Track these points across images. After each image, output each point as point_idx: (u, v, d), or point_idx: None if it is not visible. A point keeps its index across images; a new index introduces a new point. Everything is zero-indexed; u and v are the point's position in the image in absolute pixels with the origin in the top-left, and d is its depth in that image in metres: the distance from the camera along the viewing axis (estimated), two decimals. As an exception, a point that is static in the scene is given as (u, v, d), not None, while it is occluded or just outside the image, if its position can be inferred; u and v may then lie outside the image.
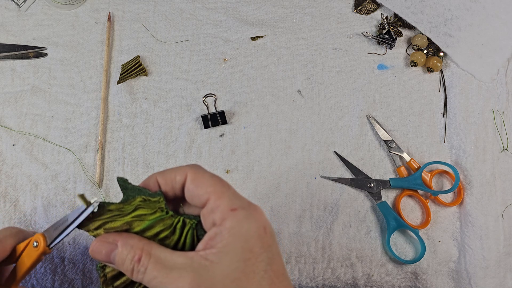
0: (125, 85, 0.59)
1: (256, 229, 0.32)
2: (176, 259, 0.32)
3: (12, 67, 0.59)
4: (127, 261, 0.32)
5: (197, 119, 0.59)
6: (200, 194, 0.34)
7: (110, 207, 0.35)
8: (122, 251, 0.33)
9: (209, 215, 0.33)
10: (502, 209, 0.55)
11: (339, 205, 0.56)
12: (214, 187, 0.34)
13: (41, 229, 0.54)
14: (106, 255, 0.33)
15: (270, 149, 0.58)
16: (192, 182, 0.34)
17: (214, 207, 0.33)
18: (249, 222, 0.32)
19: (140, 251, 0.32)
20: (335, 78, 0.61)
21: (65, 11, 0.62)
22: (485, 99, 0.59)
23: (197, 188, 0.34)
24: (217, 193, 0.33)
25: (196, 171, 0.35)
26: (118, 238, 0.33)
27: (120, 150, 0.57)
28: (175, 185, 0.35)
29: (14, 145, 0.56)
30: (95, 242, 0.34)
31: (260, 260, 0.32)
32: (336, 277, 0.54)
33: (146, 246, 0.33)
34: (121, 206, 0.35)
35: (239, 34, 0.62)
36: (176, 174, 0.35)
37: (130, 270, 0.32)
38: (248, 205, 0.33)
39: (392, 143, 0.58)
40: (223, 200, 0.33)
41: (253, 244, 0.32)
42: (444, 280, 0.54)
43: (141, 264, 0.32)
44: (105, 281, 0.36)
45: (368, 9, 0.63)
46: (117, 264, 0.33)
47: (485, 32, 0.61)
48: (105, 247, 0.33)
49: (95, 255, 0.34)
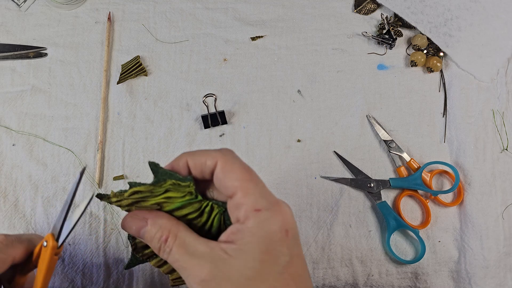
0: (125, 85, 0.59)
1: (278, 231, 0.32)
2: (198, 246, 0.33)
3: (12, 67, 0.59)
4: (155, 239, 0.34)
5: (197, 119, 0.59)
6: (227, 186, 0.34)
7: (140, 188, 0.35)
8: (151, 229, 0.34)
9: (234, 210, 0.33)
10: (502, 209, 0.55)
11: (339, 205, 0.56)
12: (242, 182, 0.33)
13: (41, 229, 0.54)
14: (136, 230, 0.35)
15: (270, 149, 0.58)
16: (221, 171, 0.34)
17: (239, 204, 0.33)
18: (271, 224, 0.32)
19: (168, 232, 0.34)
20: (335, 78, 0.61)
21: (65, 11, 0.62)
22: (485, 99, 0.59)
23: (225, 179, 0.34)
24: (244, 189, 0.33)
25: (227, 159, 0.34)
26: (148, 215, 0.35)
27: (120, 150, 0.57)
28: (204, 169, 0.35)
29: (14, 145, 0.56)
30: (127, 217, 0.35)
31: (277, 263, 0.32)
32: (336, 277, 0.54)
33: (174, 227, 0.34)
34: (151, 188, 0.35)
35: (239, 34, 0.62)
36: (207, 159, 0.35)
37: (158, 248, 0.34)
38: (273, 205, 0.33)
39: (392, 143, 0.58)
40: (248, 198, 0.33)
41: (272, 247, 0.32)
42: (444, 280, 0.54)
43: (167, 244, 0.33)
44: (136, 248, 0.38)
45: (368, 9, 0.63)
46: (146, 240, 0.35)
47: (485, 32, 0.61)
48: (136, 223, 0.35)
49: (126, 229, 0.35)
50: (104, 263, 0.53)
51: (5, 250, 0.39)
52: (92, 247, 0.54)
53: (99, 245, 0.54)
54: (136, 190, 0.34)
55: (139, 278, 0.53)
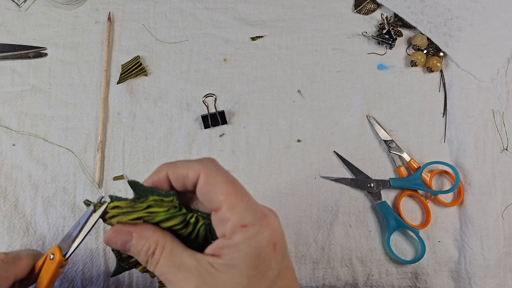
0: (125, 85, 0.59)
1: (265, 246, 0.32)
2: (185, 259, 0.32)
3: (12, 67, 0.59)
4: (142, 253, 0.33)
5: (197, 119, 0.58)
6: (211, 201, 0.32)
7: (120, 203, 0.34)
8: (137, 243, 0.33)
9: (219, 225, 0.32)
10: (502, 209, 0.55)
11: (339, 205, 0.56)
12: (227, 196, 0.32)
13: (41, 229, 0.54)
14: (122, 245, 0.34)
15: (270, 149, 0.58)
16: (205, 184, 0.33)
17: (224, 218, 0.32)
18: (259, 239, 0.31)
19: (155, 244, 0.33)
20: (335, 78, 0.61)
21: (65, 11, 0.62)
22: (485, 99, 0.59)
23: (209, 192, 0.33)
24: (229, 204, 0.32)
25: (210, 171, 0.33)
26: (133, 229, 0.34)
27: (120, 150, 0.57)
28: (186, 182, 0.34)
29: (14, 145, 0.56)
30: (111, 232, 0.34)
31: (265, 277, 0.32)
32: (336, 277, 0.54)
33: (160, 238, 0.33)
34: (132, 204, 0.34)
35: (239, 34, 0.62)
36: (188, 171, 0.33)
37: (145, 261, 0.33)
38: (260, 219, 0.32)
39: (392, 143, 0.58)
40: (234, 213, 0.31)
41: (260, 262, 0.31)
42: (444, 280, 0.54)
43: (154, 257, 0.32)
44: (120, 258, 0.37)
45: (368, 9, 0.63)
46: (133, 254, 0.34)
47: (485, 32, 0.61)
48: (120, 238, 0.34)
49: (110, 244, 0.34)
50: (104, 263, 0.53)
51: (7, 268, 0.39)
52: (92, 247, 0.54)
53: (99, 245, 0.54)
54: (115, 205, 0.34)
55: (139, 278, 0.53)
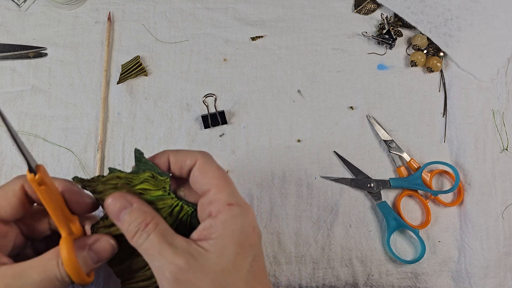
0: (125, 85, 0.59)
1: (247, 226, 0.35)
2: (176, 239, 0.34)
3: (12, 67, 0.59)
4: (134, 222, 0.34)
5: (197, 119, 0.59)
6: (203, 183, 0.36)
7: (120, 174, 0.37)
8: (133, 213, 0.35)
9: (207, 206, 0.35)
10: (502, 209, 0.55)
11: (339, 205, 0.56)
12: (218, 180, 0.36)
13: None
14: (119, 210, 0.35)
15: (270, 149, 0.58)
16: (199, 169, 0.37)
17: (213, 199, 0.35)
18: (242, 219, 0.35)
19: (151, 219, 0.35)
20: (335, 78, 0.61)
21: (65, 11, 0.62)
22: (485, 99, 0.59)
23: (202, 176, 0.37)
24: (219, 186, 0.36)
25: (206, 160, 0.37)
26: (136, 200, 0.36)
27: (120, 150, 0.57)
28: (183, 167, 0.38)
29: (14, 145, 0.56)
30: (115, 194, 0.36)
31: (247, 255, 0.34)
32: (336, 277, 0.54)
33: (157, 217, 0.35)
34: (130, 176, 0.37)
35: (239, 34, 0.62)
36: (187, 158, 0.38)
37: (133, 232, 0.34)
38: (243, 203, 0.36)
39: (392, 143, 0.58)
40: (222, 194, 0.35)
41: (243, 240, 0.34)
42: (444, 280, 0.54)
43: (146, 230, 0.34)
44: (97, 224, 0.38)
45: (368, 9, 0.63)
46: (123, 222, 0.35)
47: (485, 32, 0.61)
48: (121, 203, 0.35)
49: (107, 207, 0.35)
50: (104, 263, 0.53)
51: None
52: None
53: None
54: (117, 175, 0.36)
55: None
